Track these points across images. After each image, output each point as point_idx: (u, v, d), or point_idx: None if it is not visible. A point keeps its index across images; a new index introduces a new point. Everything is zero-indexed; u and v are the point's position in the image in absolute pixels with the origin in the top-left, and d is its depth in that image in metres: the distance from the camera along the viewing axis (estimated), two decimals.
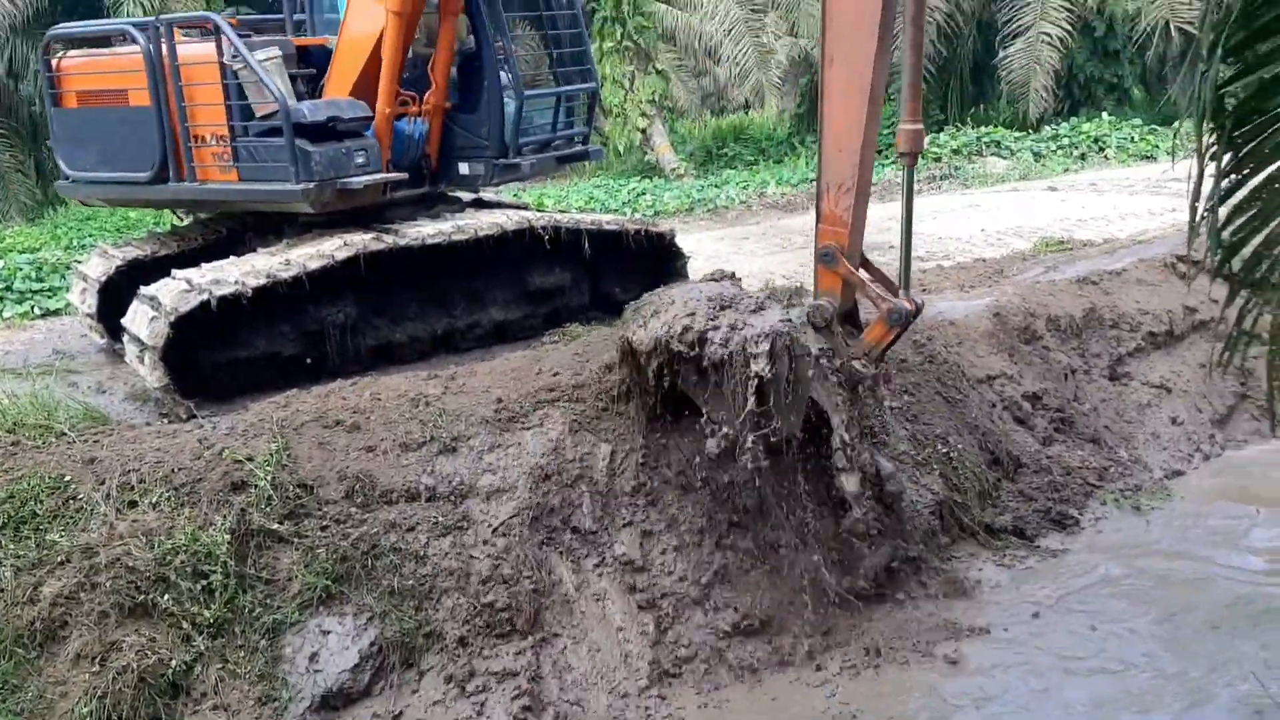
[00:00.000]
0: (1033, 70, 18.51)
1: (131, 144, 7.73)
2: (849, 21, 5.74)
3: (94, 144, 8.00)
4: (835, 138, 6.15)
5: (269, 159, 7.37)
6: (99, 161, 8.06)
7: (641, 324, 5.63)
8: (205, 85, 7.44)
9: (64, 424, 6.18)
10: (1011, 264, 9.75)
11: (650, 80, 20.03)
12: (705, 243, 11.88)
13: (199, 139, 7.57)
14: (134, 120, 7.70)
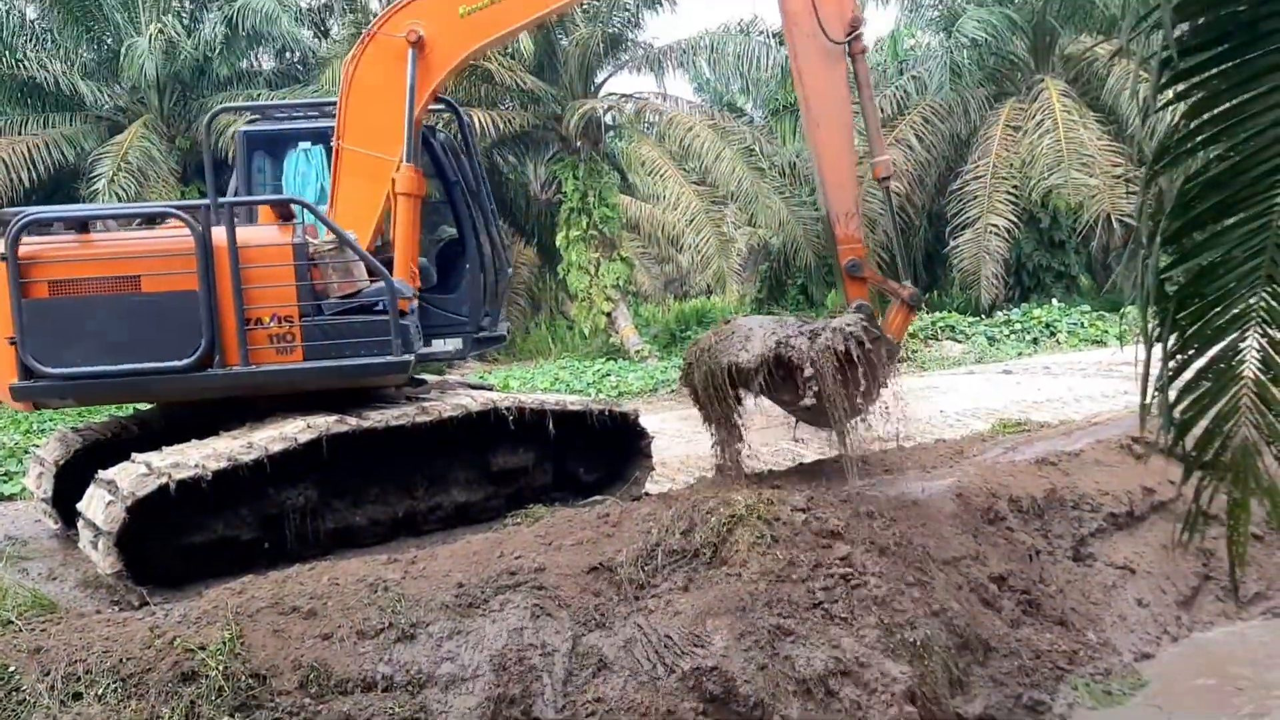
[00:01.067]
0: (982, 259, 19.21)
1: (155, 333, 7.26)
2: (828, 95, 8.10)
3: (89, 337, 7.25)
4: (836, 180, 8.24)
5: (356, 335, 7.44)
6: (97, 355, 7.27)
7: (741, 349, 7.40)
8: (271, 268, 7.37)
9: (11, 612, 6.00)
10: (971, 444, 9.85)
11: (615, 266, 20.56)
12: (669, 422, 11.95)
13: (255, 321, 7.36)
14: (160, 307, 7.27)
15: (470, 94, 20.57)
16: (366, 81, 8.07)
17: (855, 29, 8.16)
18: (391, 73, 8.00)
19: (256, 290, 7.30)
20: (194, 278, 7.18)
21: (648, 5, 21.12)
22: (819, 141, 8.31)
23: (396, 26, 8.06)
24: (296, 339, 7.39)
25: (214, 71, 20.55)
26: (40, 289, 7.09)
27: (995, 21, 20.20)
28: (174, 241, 7.32)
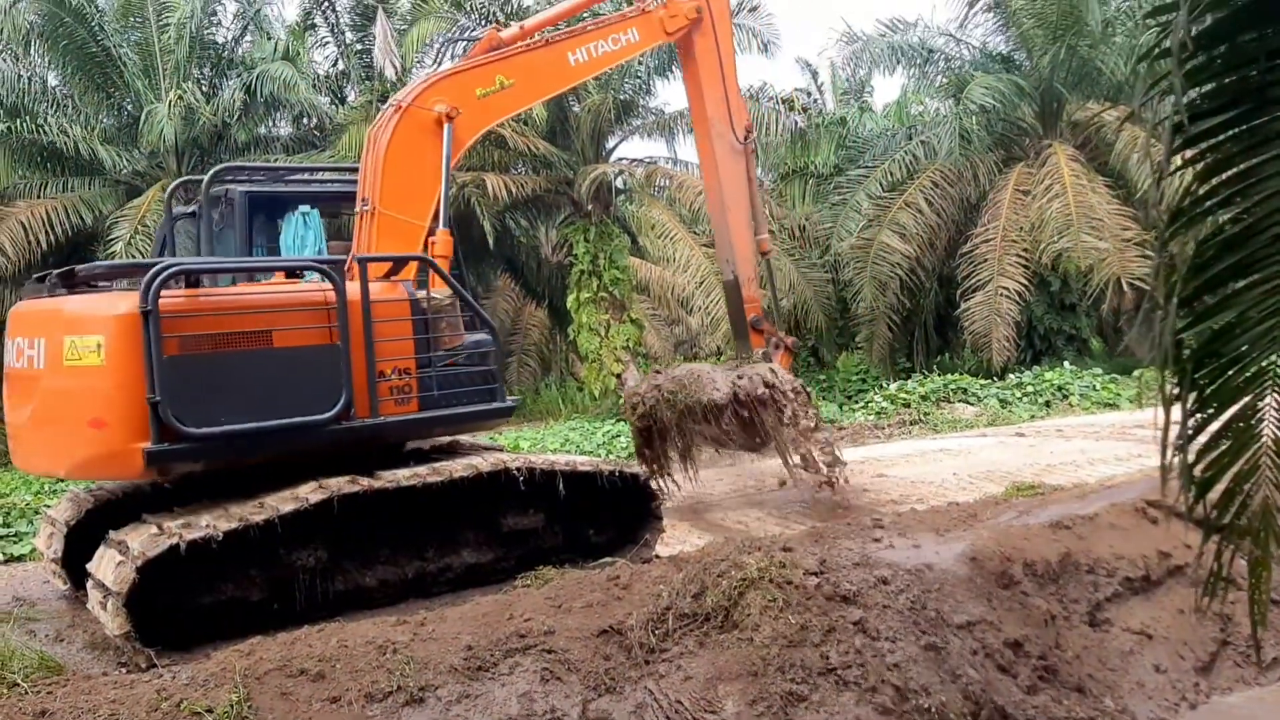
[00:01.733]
0: (993, 322, 19.22)
1: (294, 386, 7.22)
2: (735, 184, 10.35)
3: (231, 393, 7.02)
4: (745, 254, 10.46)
5: (465, 385, 7.98)
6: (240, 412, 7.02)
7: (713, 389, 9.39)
8: (394, 322, 7.67)
9: (17, 674, 5.95)
10: (985, 508, 9.77)
11: (625, 328, 20.62)
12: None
13: (380, 374, 7.57)
14: (299, 361, 7.26)
15: (484, 159, 20.80)
16: (399, 151, 8.32)
17: (749, 133, 10.42)
18: (421, 144, 8.36)
19: (382, 344, 7.55)
20: (328, 332, 7.27)
21: (659, 73, 21.41)
22: (730, 222, 10.37)
23: (425, 101, 8.44)
24: (413, 390, 7.73)
25: (232, 137, 20.85)
26: (174, 345, 6.74)
27: (1003, 89, 20.43)
28: (310, 296, 7.41)
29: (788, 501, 11.23)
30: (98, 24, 20.27)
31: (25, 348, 7.33)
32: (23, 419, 7.43)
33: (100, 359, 6.70)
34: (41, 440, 7.29)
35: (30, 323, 7.48)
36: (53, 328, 7.02)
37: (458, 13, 20.96)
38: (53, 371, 6.95)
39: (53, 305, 7.33)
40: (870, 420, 17.15)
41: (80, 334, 6.77)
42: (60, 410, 6.99)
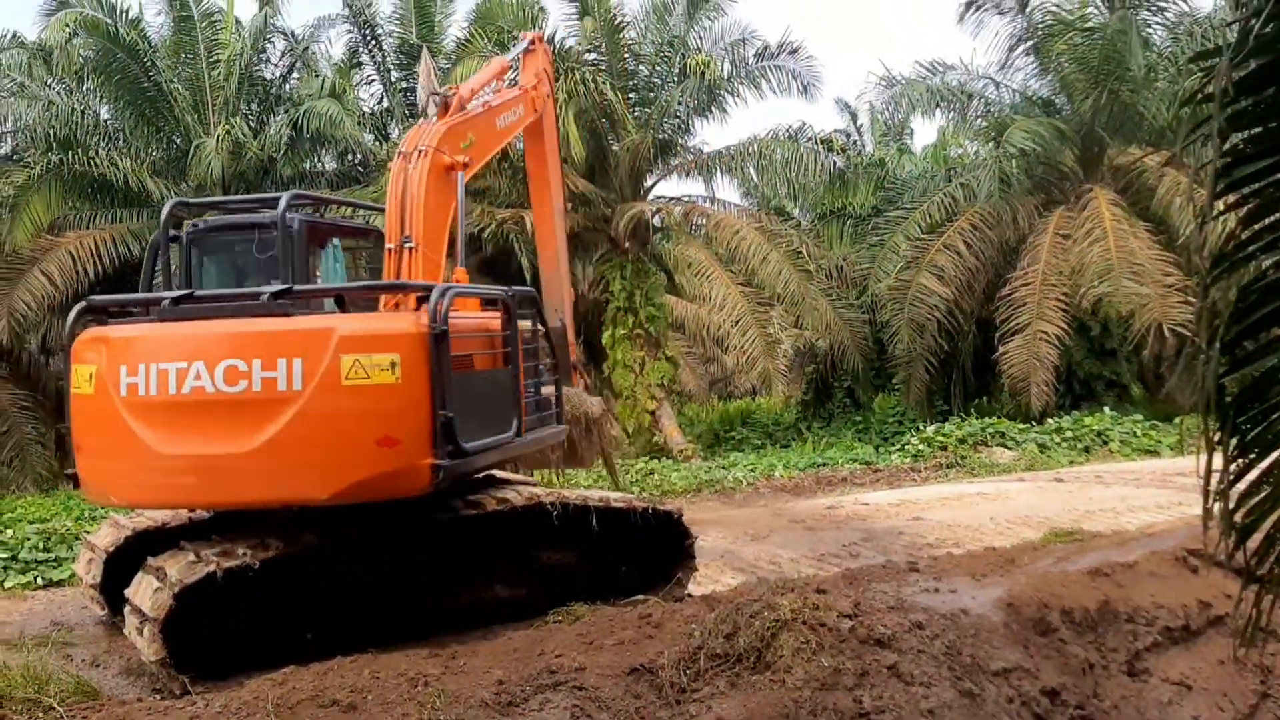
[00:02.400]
0: (1032, 366, 19.07)
1: (493, 406, 7.66)
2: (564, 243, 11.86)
3: (479, 410, 7.33)
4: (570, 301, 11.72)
5: (545, 410, 8.55)
6: (483, 428, 7.35)
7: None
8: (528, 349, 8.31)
9: (54, 698, 6.02)
10: (1022, 553, 9.66)
11: (659, 365, 20.65)
12: (713, 523, 11.87)
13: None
14: (496, 382, 7.85)
15: (523, 196, 20.97)
16: (430, 194, 8.60)
17: None
18: (439, 188, 8.72)
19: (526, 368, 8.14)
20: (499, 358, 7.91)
21: (699, 113, 21.57)
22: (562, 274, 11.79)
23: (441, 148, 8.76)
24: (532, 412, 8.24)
25: (278, 172, 21.20)
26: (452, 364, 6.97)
27: (1043, 132, 20.40)
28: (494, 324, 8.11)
29: (821, 542, 11.16)
30: (150, 59, 20.74)
31: (244, 369, 6.79)
32: (255, 445, 6.78)
33: (395, 377, 6.71)
34: (287, 465, 6.77)
35: (253, 343, 6.87)
36: (318, 347, 6.74)
37: (500, 52, 21.22)
38: (323, 392, 6.67)
39: (303, 323, 7.04)
40: (906, 462, 17.03)
41: (368, 353, 6.71)
42: (332, 431, 6.73)
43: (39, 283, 18.93)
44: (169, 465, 6.86)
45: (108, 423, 6.94)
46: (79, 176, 19.88)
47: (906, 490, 14.88)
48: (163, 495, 7.18)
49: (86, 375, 7.06)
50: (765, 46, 21.29)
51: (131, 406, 6.88)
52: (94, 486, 7.36)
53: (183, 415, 6.85)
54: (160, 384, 6.81)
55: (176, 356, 6.83)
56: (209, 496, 7.13)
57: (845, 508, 13.21)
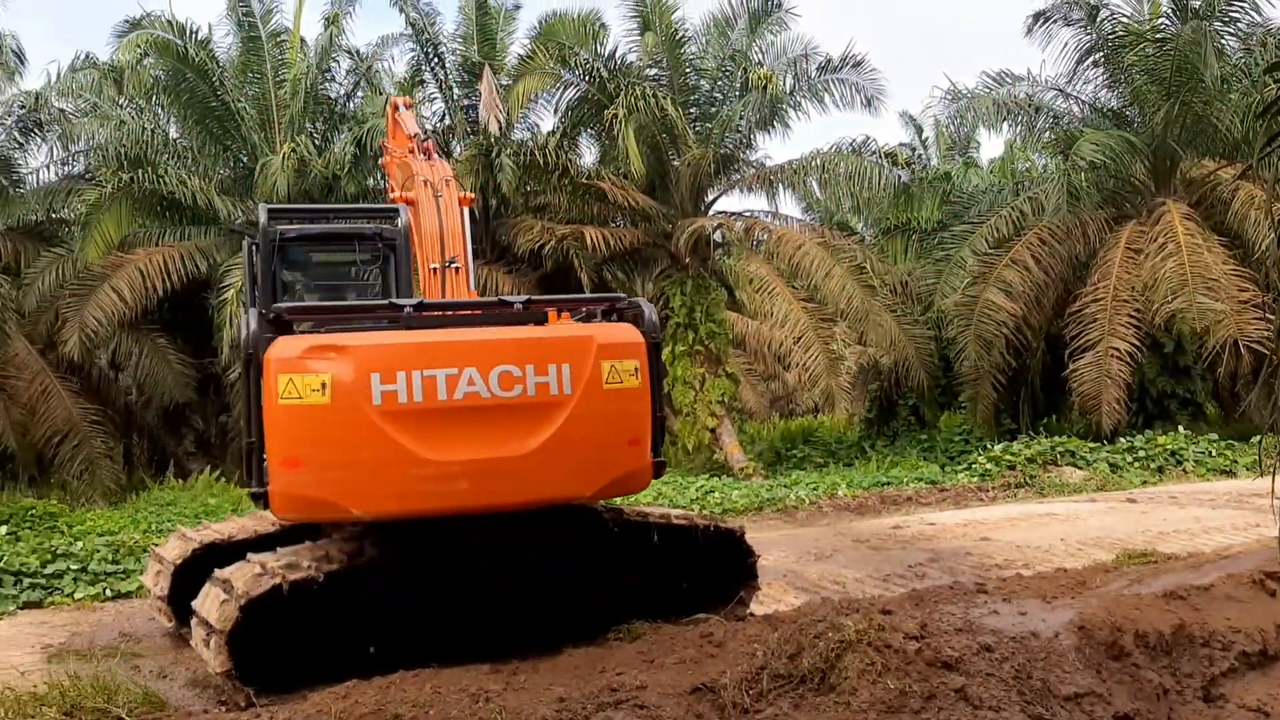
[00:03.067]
0: (1103, 384, 18.67)
1: None
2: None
3: None
4: None
5: None
6: None
7: None
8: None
9: (122, 708, 6.10)
10: (1094, 575, 9.45)
11: (720, 382, 20.56)
12: (775, 541, 11.75)
13: None
14: None
15: (583, 212, 21.10)
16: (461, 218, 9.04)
17: None
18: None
19: None
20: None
21: (760, 127, 21.50)
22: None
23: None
24: None
25: (342, 189, 21.50)
26: None
27: (1113, 145, 20.01)
28: None
29: (886, 562, 11.00)
30: (218, 79, 21.17)
31: (518, 374, 7.00)
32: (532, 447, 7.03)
33: (638, 381, 7.32)
34: (562, 466, 7.11)
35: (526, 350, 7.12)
36: (582, 354, 7.11)
37: (562, 68, 21.37)
38: (589, 396, 7.06)
39: (572, 331, 7.49)
40: (973, 482, 16.76)
41: (620, 359, 7.21)
42: (597, 432, 7.19)
43: (109, 299, 19.36)
44: (439, 471, 6.89)
45: (356, 432, 6.79)
46: (149, 194, 20.31)
47: (974, 510, 14.64)
48: (429, 502, 7.04)
49: (316, 385, 6.80)
50: (828, 60, 21.19)
51: (389, 415, 6.80)
52: (318, 499, 6.96)
53: (455, 421, 6.92)
54: (427, 391, 6.81)
55: (444, 363, 6.86)
56: (483, 499, 7.11)
57: (911, 527, 13.02)
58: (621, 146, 19.59)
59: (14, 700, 6.46)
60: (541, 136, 22.94)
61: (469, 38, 24.19)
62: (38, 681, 7.10)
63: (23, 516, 14.40)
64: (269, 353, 6.81)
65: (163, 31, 20.78)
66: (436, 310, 7.59)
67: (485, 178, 20.99)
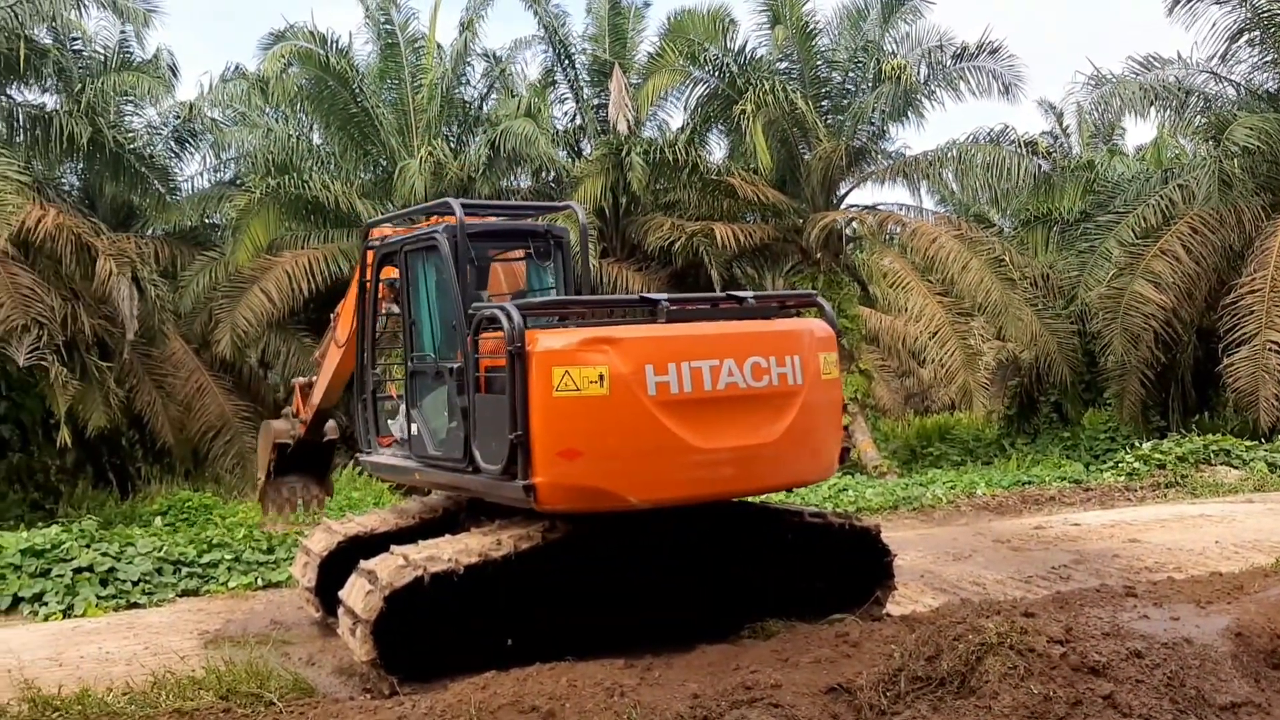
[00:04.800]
0: (1260, 379, 17.74)
1: None
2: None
3: None
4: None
5: None
6: None
7: None
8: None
9: (274, 693, 6.34)
10: (1252, 579, 9.01)
11: (853, 379, 20.28)
12: (911, 541, 11.54)
13: None
14: None
15: (713, 208, 21.07)
16: None
17: None
18: None
19: None
20: None
21: (894, 118, 21.12)
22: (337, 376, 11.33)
23: None
24: None
25: (476, 190, 21.93)
26: None
27: (1269, 129, 18.97)
28: None
29: (1028, 563, 10.68)
30: (358, 86, 21.83)
31: (765, 365, 7.35)
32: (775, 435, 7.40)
33: (837, 373, 7.94)
34: (800, 451, 7.66)
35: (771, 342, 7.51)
36: (805, 346, 7.63)
37: (692, 65, 21.38)
38: (813, 386, 7.57)
39: (796, 326, 7.94)
40: (1120, 482, 16.14)
41: (828, 351, 7.79)
42: (821, 420, 7.74)
43: (259, 300, 20.17)
44: (708, 458, 7.16)
45: (633, 422, 7.00)
46: (294, 199, 21.05)
47: (1121, 511, 14.10)
48: (699, 488, 7.34)
49: (594, 376, 6.95)
50: (964, 47, 20.66)
51: (663, 405, 7.01)
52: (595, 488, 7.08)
53: (719, 410, 7.23)
54: (695, 382, 7.09)
55: (707, 355, 7.18)
56: (744, 484, 7.69)
57: (1054, 528, 12.62)
58: (750, 142, 19.49)
59: (174, 684, 6.79)
60: (671, 134, 22.99)
61: (599, 37, 24.41)
62: (195, 666, 7.45)
63: (180, 508, 15.13)
64: (537, 346, 6.90)
65: (305, 42, 21.53)
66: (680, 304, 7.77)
67: (615, 176, 21.14)
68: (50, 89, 19.03)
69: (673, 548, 7.87)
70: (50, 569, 10.49)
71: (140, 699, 6.53)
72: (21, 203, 14.96)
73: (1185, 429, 19.06)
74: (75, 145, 17.98)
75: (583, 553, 7.46)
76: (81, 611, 9.96)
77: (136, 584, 10.53)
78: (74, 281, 17.11)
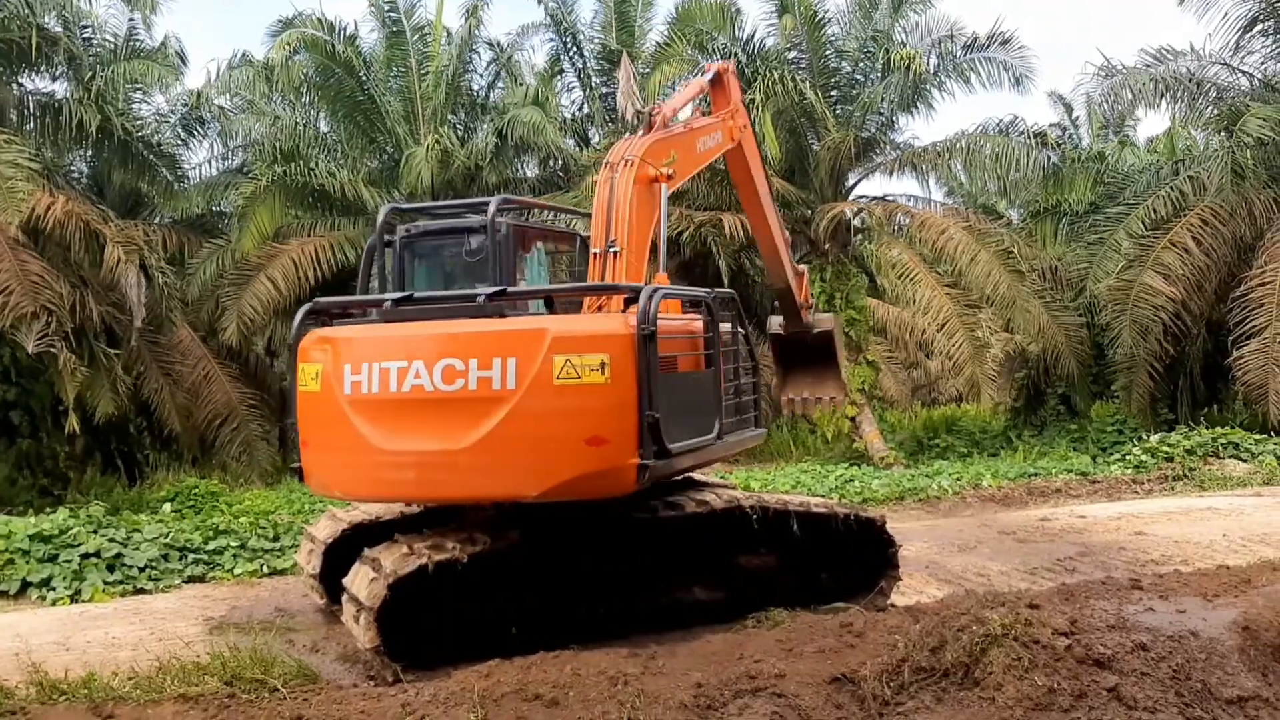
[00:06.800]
0: (1271, 372, 17.64)
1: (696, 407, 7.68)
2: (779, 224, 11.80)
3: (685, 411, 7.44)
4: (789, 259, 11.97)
5: (743, 413, 8.51)
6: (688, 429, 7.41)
7: None
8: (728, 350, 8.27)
9: (278, 680, 6.35)
10: (1260, 573, 8.97)
11: (860, 370, 20.22)
12: (916, 532, 11.52)
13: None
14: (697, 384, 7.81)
15: (721, 199, 20.98)
16: (636, 202, 8.61)
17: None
18: (643, 197, 8.77)
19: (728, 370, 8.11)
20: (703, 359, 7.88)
21: (903, 109, 21.02)
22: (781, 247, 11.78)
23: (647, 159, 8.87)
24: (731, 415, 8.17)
25: (484, 179, 21.89)
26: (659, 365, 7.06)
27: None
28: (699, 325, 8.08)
29: (1033, 555, 10.66)
30: (364, 74, 21.77)
31: (460, 368, 6.97)
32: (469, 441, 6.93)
33: (605, 377, 6.85)
34: (500, 462, 6.91)
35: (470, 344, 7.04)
36: (531, 348, 6.86)
37: (700, 55, 21.29)
38: (534, 393, 6.79)
39: (518, 324, 7.24)
40: (1127, 474, 16.11)
41: (579, 353, 6.84)
42: (544, 430, 6.86)
43: (265, 288, 20.15)
44: (390, 460, 7.11)
45: (332, 419, 7.25)
46: (300, 187, 21.00)
47: (1128, 503, 14.07)
48: (381, 489, 7.43)
49: (313, 373, 7.40)
50: (974, 38, 20.51)
51: (355, 403, 7.15)
52: (317, 479, 7.68)
53: (403, 413, 7.09)
54: (382, 383, 7.04)
55: (397, 355, 7.05)
56: (425, 491, 7.41)
57: (1060, 520, 12.60)
58: (759, 132, 19.40)
59: (180, 669, 6.81)
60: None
61: (607, 25, 24.32)
62: (201, 652, 7.47)
63: (186, 495, 15.17)
64: (303, 344, 7.61)
65: (313, 30, 21.47)
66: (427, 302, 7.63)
67: None
68: (60, 77, 18.99)
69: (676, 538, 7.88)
70: (58, 554, 10.54)
71: (145, 684, 6.55)
72: (31, 190, 14.94)
73: (1194, 422, 19.00)
74: (84, 133, 17.95)
75: (586, 543, 7.46)
76: (89, 597, 10.01)
77: (143, 570, 10.58)
78: (82, 269, 17.12)
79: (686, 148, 9.65)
